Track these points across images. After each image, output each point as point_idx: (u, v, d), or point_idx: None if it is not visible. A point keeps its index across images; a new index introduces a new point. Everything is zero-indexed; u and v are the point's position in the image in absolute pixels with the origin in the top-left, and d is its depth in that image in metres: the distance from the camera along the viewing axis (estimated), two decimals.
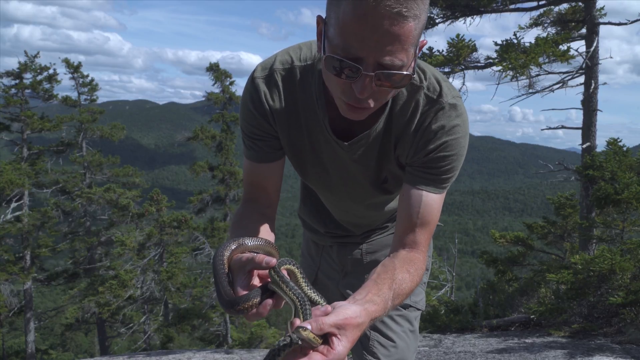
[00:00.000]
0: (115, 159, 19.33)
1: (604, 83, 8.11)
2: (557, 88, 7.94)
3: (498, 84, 7.40)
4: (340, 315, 0.94)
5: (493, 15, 7.84)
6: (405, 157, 1.30)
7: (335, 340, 0.93)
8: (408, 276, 1.17)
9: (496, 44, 7.10)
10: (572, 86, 7.87)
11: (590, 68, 7.60)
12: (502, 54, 6.88)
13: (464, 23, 7.85)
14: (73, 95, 19.03)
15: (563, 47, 7.10)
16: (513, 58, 6.70)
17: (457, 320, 5.84)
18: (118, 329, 17.88)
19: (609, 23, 7.63)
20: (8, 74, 17.36)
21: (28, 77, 17.65)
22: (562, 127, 8.48)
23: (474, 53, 7.37)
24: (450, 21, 7.85)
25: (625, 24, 7.69)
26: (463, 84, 7.79)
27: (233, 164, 16.97)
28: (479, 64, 7.51)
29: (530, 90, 7.77)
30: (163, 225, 16.02)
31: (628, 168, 6.40)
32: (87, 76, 19.20)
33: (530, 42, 6.89)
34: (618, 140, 6.70)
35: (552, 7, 7.90)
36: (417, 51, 1.06)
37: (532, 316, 5.50)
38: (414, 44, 1.02)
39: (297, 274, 1.02)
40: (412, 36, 0.99)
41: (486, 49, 7.88)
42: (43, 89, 17.88)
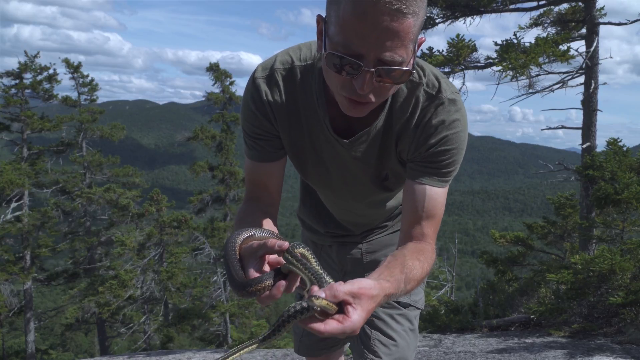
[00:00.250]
0: (115, 159, 19.32)
1: (604, 83, 8.12)
2: (557, 88, 7.94)
3: (498, 84, 7.40)
4: (355, 284, 0.96)
5: (493, 15, 7.84)
6: (407, 153, 1.31)
7: (350, 309, 0.93)
8: (418, 263, 1.19)
9: (496, 44, 7.11)
10: (572, 86, 7.87)
11: (590, 68, 7.60)
12: (502, 54, 6.88)
13: (464, 23, 7.85)
14: (73, 95, 19.05)
15: (563, 47, 7.10)
16: (513, 58, 6.70)
17: (457, 320, 5.84)
18: (118, 329, 17.87)
19: (609, 23, 7.63)
20: (8, 74, 17.36)
21: (28, 77, 17.66)
22: (562, 127, 8.48)
23: (474, 53, 7.37)
24: (450, 21, 7.85)
25: (625, 24, 7.69)
26: (463, 84, 7.79)
27: (233, 164, 16.96)
28: (479, 64, 7.51)
29: (530, 90, 7.77)
30: (163, 225, 16.02)
31: (628, 168, 6.40)
32: (87, 76, 19.22)
33: (530, 42, 6.89)
34: (618, 140, 6.69)
35: (552, 7, 7.90)
36: (416, 48, 1.08)
37: (532, 316, 5.50)
38: (413, 41, 1.04)
39: (309, 257, 1.03)
40: (411, 32, 1.01)
41: (486, 49, 7.89)
42: (43, 89, 17.87)
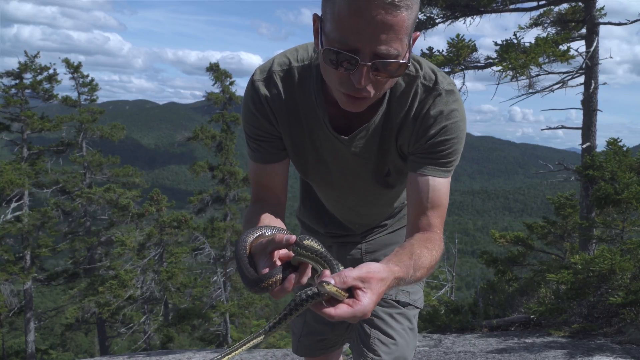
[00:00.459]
0: (115, 159, 19.32)
1: (604, 83, 8.12)
2: (557, 88, 7.94)
3: (498, 84, 7.40)
4: (362, 269, 0.97)
5: (493, 15, 7.84)
6: (407, 146, 1.33)
7: (360, 292, 0.94)
8: (427, 251, 1.19)
9: (496, 44, 7.11)
10: (572, 86, 7.87)
11: (590, 68, 7.60)
12: (502, 54, 6.88)
13: (464, 23, 7.85)
14: (73, 95, 19.06)
15: (563, 47, 7.10)
16: (513, 58, 6.70)
17: (457, 320, 5.83)
18: (118, 329, 17.87)
19: (609, 23, 7.63)
20: (8, 74, 17.36)
21: (28, 77, 17.67)
22: (562, 127, 8.48)
23: (474, 53, 7.38)
24: (450, 21, 7.85)
25: (625, 24, 7.69)
26: (463, 84, 7.79)
27: (233, 164, 16.97)
28: (479, 64, 7.51)
29: (530, 90, 7.77)
30: (163, 225, 16.02)
31: (628, 168, 6.40)
32: (87, 76, 19.23)
33: (530, 42, 6.89)
34: (618, 140, 6.69)
35: (552, 7, 7.90)
36: (411, 43, 1.10)
37: (532, 316, 5.49)
38: (408, 34, 1.06)
39: (318, 247, 1.04)
40: (406, 26, 1.03)
41: (486, 49, 7.89)
42: (43, 89, 17.87)
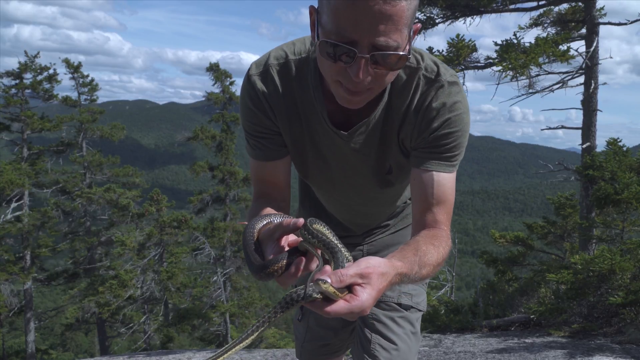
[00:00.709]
0: (115, 159, 19.33)
1: (604, 83, 8.13)
2: (557, 88, 7.94)
3: (498, 84, 7.40)
4: (361, 264, 0.92)
5: (493, 15, 7.85)
6: (409, 141, 1.28)
7: (358, 288, 0.90)
8: (433, 248, 1.14)
9: (496, 44, 7.11)
10: (572, 86, 7.87)
11: (590, 68, 7.60)
12: (502, 54, 6.88)
13: (464, 23, 7.85)
14: (73, 95, 19.07)
15: (563, 47, 7.10)
16: (513, 58, 6.70)
17: (457, 320, 5.83)
18: (118, 329, 17.88)
19: (609, 23, 7.63)
20: (8, 74, 17.38)
21: (28, 77, 17.68)
22: (562, 127, 8.48)
23: (474, 53, 7.38)
24: (450, 21, 7.85)
25: (625, 24, 7.69)
26: (463, 84, 7.77)
27: (233, 164, 16.97)
28: (479, 64, 7.51)
29: (530, 90, 7.77)
30: (163, 225, 16.02)
31: (628, 168, 6.40)
32: (87, 76, 19.25)
33: (530, 42, 6.90)
34: (618, 140, 6.69)
35: (552, 7, 7.90)
36: (412, 35, 1.06)
37: (532, 316, 5.49)
38: (408, 25, 1.01)
39: (327, 232, 1.00)
40: (405, 16, 0.99)
41: (486, 49, 7.87)
42: (43, 89, 17.88)
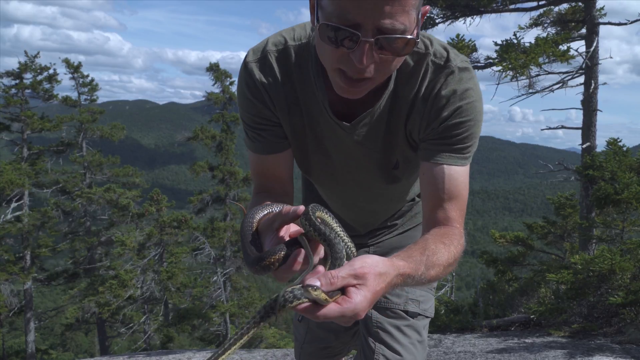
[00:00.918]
0: (115, 159, 19.33)
1: (604, 83, 8.14)
2: (557, 88, 7.95)
3: (498, 84, 7.40)
4: (356, 264, 0.84)
5: (493, 15, 7.85)
6: (418, 132, 1.18)
7: (352, 290, 0.81)
8: (443, 247, 1.05)
9: (496, 44, 7.11)
10: (572, 86, 7.87)
11: (590, 68, 7.60)
12: (502, 54, 6.88)
13: (464, 23, 7.86)
14: (73, 95, 19.08)
15: (563, 47, 7.11)
16: (513, 58, 6.70)
17: (457, 320, 5.83)
18: (118, 329, 17.88)
19: (609, 23, 7.64)
20: (8, 74, 17.39)
21: (28, 77, 17.70)
22: (562, 127, 8.49)
23: (474, 53, 7.38)
24: (450, 21, 7.86)
25: (625, 24, 7.70)
26: None
27: (233, 164, 16.98)
28: (479, 64, 7.51)
29: (530, 90, 7.78)
30: (163, 225, 16.02)
31: (628, 168, 6.40)
32: (87, 76, 19.27)
33: (530, 42, 6.90)
34: (618, 140, 6.69)
35: (552, 7, 7.91)
36: (420, 18, 0.98)
37: (532, 316, 5.49)
38: (416, 7, 0.94)
39: (330, 221, 0.95)
40: None
41: (486, 49, 7.89)
42: (43, 89, 17.89)
